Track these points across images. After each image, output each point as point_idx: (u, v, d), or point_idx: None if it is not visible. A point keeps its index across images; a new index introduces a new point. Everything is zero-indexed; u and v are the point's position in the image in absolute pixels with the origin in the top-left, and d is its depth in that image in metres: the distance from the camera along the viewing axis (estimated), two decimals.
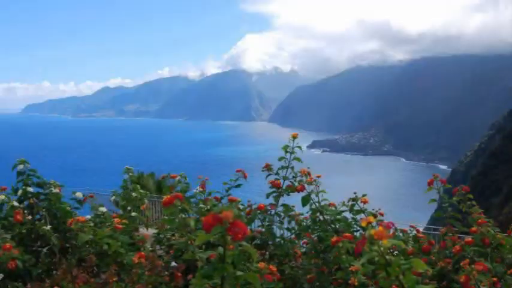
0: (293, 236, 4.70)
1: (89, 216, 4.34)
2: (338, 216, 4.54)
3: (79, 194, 4.65)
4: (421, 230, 5.57)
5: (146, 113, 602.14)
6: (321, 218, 4.53)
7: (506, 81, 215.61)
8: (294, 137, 4.53)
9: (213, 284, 1.94)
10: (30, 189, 4.43)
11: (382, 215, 4.65)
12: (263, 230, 4.51)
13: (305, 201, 4.52)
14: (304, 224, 4.67)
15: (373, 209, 4.68)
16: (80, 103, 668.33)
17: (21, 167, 4.45)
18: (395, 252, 3.68)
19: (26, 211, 4.36)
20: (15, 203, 4.30)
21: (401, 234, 4.67)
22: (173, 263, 3.87)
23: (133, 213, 4.99)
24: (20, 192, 4.41)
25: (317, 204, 4.52)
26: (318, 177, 4.52)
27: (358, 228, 4.51)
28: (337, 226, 4.49)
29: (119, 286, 3.30)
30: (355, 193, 4.64)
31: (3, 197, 4.36)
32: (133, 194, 5.17)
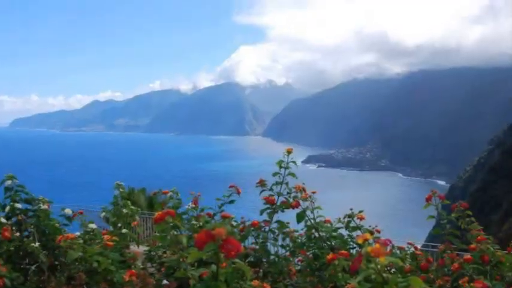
0: (288, 253, 4.63)
1: (78, 233, 4.27)
2: (334, 233, 4.47)
3: (68, 211, 4.57)
4: (419, 247, 5.51)
5: (136, 127, 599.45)
6: (316, 234, 4.46)
7: (505, 94, 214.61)
8: (289, 152, 4.48)
9: None
10: (18, 205, 4.35)
11: (379, 231, 4.61)
12: (257, 247, 4.43)
13: (300, 217, 4.45)
14: (299, 241, 4.60)
15: (369, 226, 4.63)
16: (69, 117, 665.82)
17: (9, 182, 4.37)
18: (393, 270, 3.63)
19: (14, 228, 4.28)
20: (3, 220, 4.22)
21: (398, 252, 4.62)
22: (165, 281, 3.81)
23: (124, 230, 4.91)
24: (7, 208, 4.33)
25: (312, 220, 4.46)
26: (313, 193, 4.46)
27: (355, 245, 4.44)
28: (332, 243, 4.41)
29: None
30: (351, 209, 4.58)
31: None
32: (124, 211, 5.10)
